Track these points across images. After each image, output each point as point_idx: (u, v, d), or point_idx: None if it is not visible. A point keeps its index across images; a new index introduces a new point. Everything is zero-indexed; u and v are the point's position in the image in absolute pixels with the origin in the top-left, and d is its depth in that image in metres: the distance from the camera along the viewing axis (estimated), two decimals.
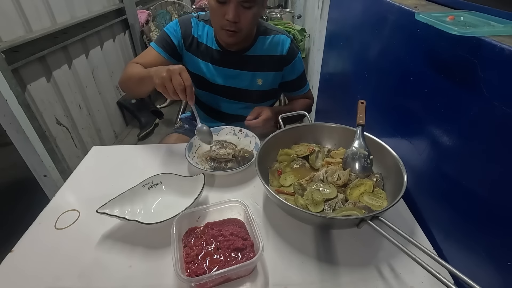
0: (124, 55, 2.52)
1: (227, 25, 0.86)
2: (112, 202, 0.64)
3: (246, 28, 0.88)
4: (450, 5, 0.68)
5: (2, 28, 1.37)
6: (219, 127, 0.94)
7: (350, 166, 0.72)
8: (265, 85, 1.05)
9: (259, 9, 0.89)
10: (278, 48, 0.99)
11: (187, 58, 1.03)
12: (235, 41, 0.91)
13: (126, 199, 0.66)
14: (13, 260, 0.60)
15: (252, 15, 0.86)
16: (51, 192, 1.57)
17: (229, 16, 0.82)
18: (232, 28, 0.86)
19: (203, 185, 0.69)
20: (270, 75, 1.03)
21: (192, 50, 1.01)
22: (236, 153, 0.84)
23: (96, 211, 0.61)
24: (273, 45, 0.99)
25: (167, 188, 0.72)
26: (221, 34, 0.91)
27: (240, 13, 0.84)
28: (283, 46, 0.99)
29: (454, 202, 0.59)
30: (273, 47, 0.99)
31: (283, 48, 0.99)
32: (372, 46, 0.95)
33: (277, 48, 0.99)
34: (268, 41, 0.99)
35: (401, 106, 0.79)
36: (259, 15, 0.91)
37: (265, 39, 0.99)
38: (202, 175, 0.71)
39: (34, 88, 1.57)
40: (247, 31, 0.91)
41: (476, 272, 0.53)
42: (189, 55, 1.01)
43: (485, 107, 0.50)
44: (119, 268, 0.58)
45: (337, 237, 0.64)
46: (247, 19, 0.86)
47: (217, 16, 0.86)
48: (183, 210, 0.62)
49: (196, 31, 1.00)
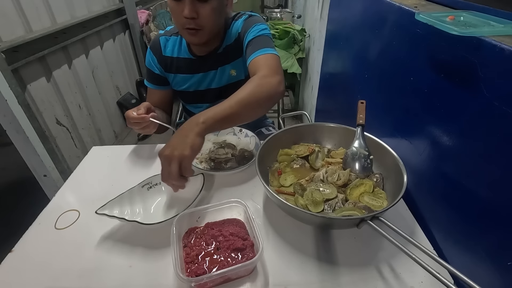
0: (124, 55, 2.52)
1: (186, 23, 0.82)
2: (111, 203, 0.64)
3: (207, 24, 0.84)
4: (450, 5, 0.68)
5: (2, 28, 1.37)
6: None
7: (350, 166, 0.72)
8: (240, 74, 1.00)
9: (220, 3, 0.84)
10: (237, 30, 0.94)
11: (171, 80, 1.03)
12: (199, 40, 0.87)
13: (125, 200, 0.66)
14: (13, 260, 0.60)
15: (210, 9, 0.81)
16: (51, 192, 1.57)
17: (185, 12, 0.79)
18: (192, 26, 0.82)
19: (202, 185, 0.69)
20: (240, 61, 0.98)
21: (171, 69, 1.00)
22: (235, 153, 0.84)
23: (96, 212, 0.61)
24: (233, 31, 0.95)
25: (166, 188, 0.72)
26: (183, 34, 0.89)
27: (197, 8, 0.80)
28: (239, 26, 0.94)
29: (454, 202, 0.59)
30: (233, 33, 0.95)
31: (239, 27, 0.94)
32: (372, 46, 0.95)
33: (236, 30, 0.95)
34: (231, 30, 0.95)
35: (401, 106, 0.79)
36: (221, 9, 0.85)
37: (230, 31, 0.96)
38: (201, 175, 0.71)
39: (34, 88, 1.57)
40: (210, 28, 0.85)
41: (476, 272, 0.53)
42: (171, 76, 1.02)
43: (485, 107, 0.50)
44: (119, 268, 0.58)
45: (337, 237, 0.64)
46: (205, 14, 0.81)
47: (176, 15, 0.83)
48: (182, 211, 0.62)
49: (166, 50, 0.99)
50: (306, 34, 2.34)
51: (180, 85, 1.03)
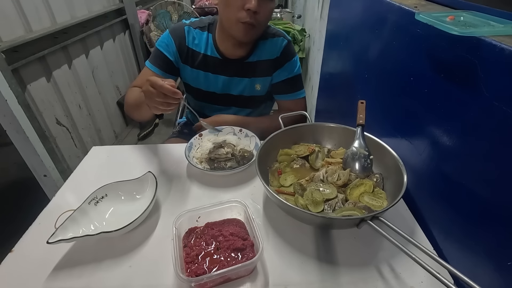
0: (124, 55, 2.52)
1: (245, 17, 0.81)
2: (61, 227, 0.59)
3: (264, 22, 0.86)
4: (450, 5, 0.68)
5: (2, 28, 1.37)
6: (219, 127, 0.94)
7: (350, 166, 0.72)
8: (263, 90, 1.03)
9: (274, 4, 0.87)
10: (274, 51, 0.97)
11: (184, 71, 0.99)
12: (251, 37, 0.88)
13: (76, 221, 0.62)
14: (13, 260, 0.60)
15: (270, 9, 0.84)
16: (51, 192, 1.57)
17: (253, 4, 0.78)
18: (252, 20, 0.82)
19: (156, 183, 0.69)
20: (268, 79, 1.01)
21: (189, 62, 0.97)
22: (235, 153, 0.84)
23: (47, 242, 0.55)
24: (270, 49, 0.97)
25: (115, 197, 0.70)
26: (236, 29, 0.85)
27: (260, 3, 0.80)
28: (278, 49, 0.97)
29: (454, 202, 0.59)
30: (270, 51, 0.97)
31: (278, 50, 0.97)
32: (372, 46, 0.95)
33: (273, 51, 0.97)
34: (266, 45, 0.97)
35: (401, 106, 0.79)
36: (272, 11, 0.89)
37: (264, 44, 0.97)
38: (148, 174, 0.72)
39: (34, 88, 1.57)
40: (262, 27, 0.89)
41: (476, 272, 0.53)
42: (186, 68, 0.98)
43: (485, 107, 0.50)
44: (119, 268, 0.58)
45: (337, 237, 0.64)
46: (266, 12, 0.83)
47: (234, 7, 0.81)
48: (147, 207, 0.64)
49: (191, 41, 0.95)
50: (306, 34, 2.34)
51: (197, 82, 1.00)
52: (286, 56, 0.98)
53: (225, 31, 0.90)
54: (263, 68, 0.98)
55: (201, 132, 0.91)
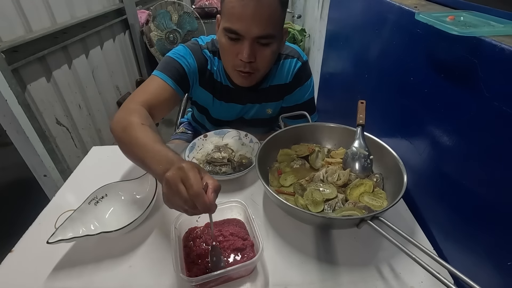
0: (124, 55, 2.52)
1: (240, 66, 0.74)
2: (61, 227, 0.58)
3: (263, 68, 0.77)
4: (450, 5, 0.68)
5: (2, 28, 1.37)
6: (225, 130, 0.91)
7: (350, 166, 0.72)
8: (274, 113, 0.98)
9: (278, 44, 0.76)
10: (287, 75, 0.89)
11: (197, 92, 0.90)
12: (249, 83, 0.80)
13: (77, 221, 0.62)
14: (13, 260, 0.60)
15: (270, 53, 0.74)
16: (51, 192, 1.57)
17: (243, 56, 0.70)
18: (247, 69, 0.74)
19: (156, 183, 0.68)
20: (279, 104, 0.96)
21: (206, 85, 0.89)
22: (231, 158, 0.82)
23: (47, 242, 0.55)
24: (281, 73, 0.89)
25: (115, 197, 0.70)
26: (233, 76, 0.80)
27: (256, 51, 0.71)
28: (291, 73, 0.89)
29: (454, 202, 0.59)
30: (281, 75, 0.89)
31: (291, 75, 0.89)
32: (372, 46, 0.95)
33: (285, 75, 0.89)
34: (278, 68, 0.88)
35: (401, 106, 0.79)
36: (278, 51, 0.78)
37: (276, 67, 0.88)
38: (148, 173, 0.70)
39: (34, 88, 1.57)
40: (264, 71, 0.79)
41: (476, 272, 0.53)
42: (201, 90, 0.89)
43: (485, 107, 0.50)
44: (119, 268, 0.58)
45: (337, 237, 0.64)
46: (264, 59, 0.74)
47: (229, 55, 0.74)
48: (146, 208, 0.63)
49: (211, 65, 0.87)
50: (306, 34, 2.34)
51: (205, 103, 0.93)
52: (298, 81, 0.91)
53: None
54: (274, 93, 0.92)
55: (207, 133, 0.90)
